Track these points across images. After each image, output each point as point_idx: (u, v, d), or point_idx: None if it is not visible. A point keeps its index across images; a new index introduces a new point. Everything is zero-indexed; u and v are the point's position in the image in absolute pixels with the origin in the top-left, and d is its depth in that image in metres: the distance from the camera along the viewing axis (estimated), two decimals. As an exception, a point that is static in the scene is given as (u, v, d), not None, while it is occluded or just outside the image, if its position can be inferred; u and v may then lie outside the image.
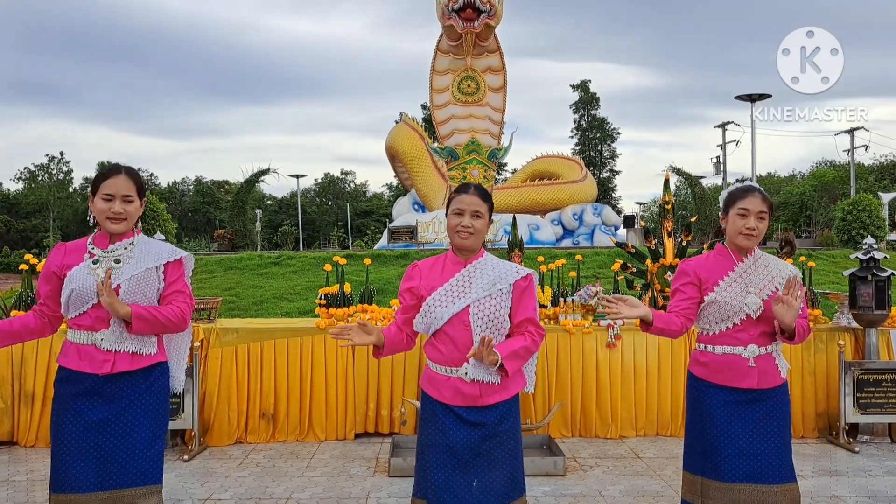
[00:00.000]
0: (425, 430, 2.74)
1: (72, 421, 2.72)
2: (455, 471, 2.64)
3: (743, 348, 2.93)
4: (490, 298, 2.71)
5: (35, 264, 5.88)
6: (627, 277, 6.49)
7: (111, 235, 2.82)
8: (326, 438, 5.66)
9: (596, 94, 55.40)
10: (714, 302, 2.94)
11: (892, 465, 5.05)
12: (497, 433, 2.70)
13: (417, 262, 2.89)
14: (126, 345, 2.74)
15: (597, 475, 4.80)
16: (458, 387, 2.68)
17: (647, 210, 54.46)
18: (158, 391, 2.84)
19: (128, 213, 2.78)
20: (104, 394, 2.73)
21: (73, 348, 2.78)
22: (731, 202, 2.98)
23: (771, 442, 2.90)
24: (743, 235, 2.93)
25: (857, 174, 38.76)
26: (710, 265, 3.02)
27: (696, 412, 3.04)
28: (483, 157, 19.71)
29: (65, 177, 56.65)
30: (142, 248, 2.84)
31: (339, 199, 62.18)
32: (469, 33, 18.85)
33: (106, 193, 2.75)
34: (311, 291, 11.15)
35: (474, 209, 2.73)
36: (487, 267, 2.78)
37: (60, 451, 2.71)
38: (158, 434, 2.82)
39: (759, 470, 2.87)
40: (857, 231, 17.23)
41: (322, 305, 5.96)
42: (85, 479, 2.68)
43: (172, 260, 2.87)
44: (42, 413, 5.51)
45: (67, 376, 2.77)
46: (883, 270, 5.79)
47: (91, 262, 2.77)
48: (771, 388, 2.95)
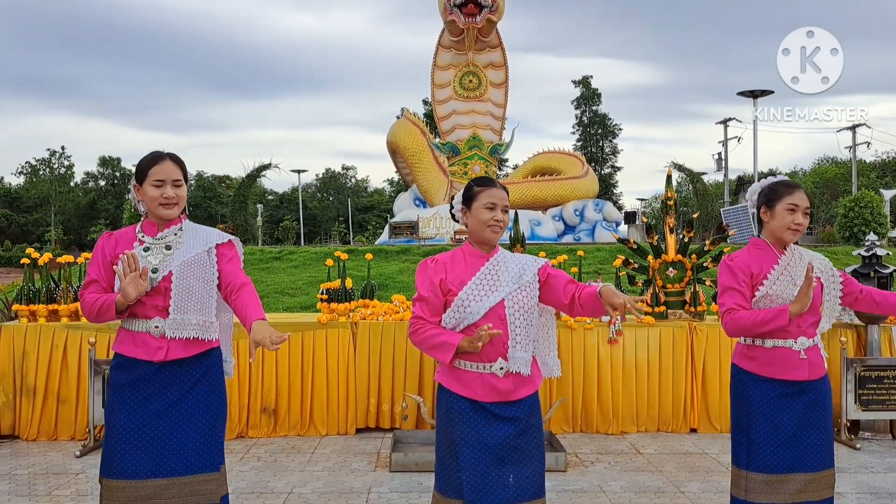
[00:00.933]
0: (454, 429, 2.67)
1: (127, 409, 2.70)
2: (491, 468, 2.61)
3: (794, 341, 2.96)
4: (521, 290, 2.71)
5: (36, 258, 5.88)
6: (629, 273, 6.48)
7: (160, 223, 2.81)
8: (328, 433, 5.67)
9: (597, 89, 55.32)
10: (766, 296, 2.96)
11: (893, 461, 5.05)
12: (529, 426, 2.70)
13: (435, 257, 2.82)
14: (185, 331, 2.72)
15: (598, 471, 4.80)
16: (491, 383, 2.65)
17: (649, 206, 54.43)
18: (214, 377, 2.83)
19: (179, 196, 2.78)
20: (159, 381, 2.72)
21: (128, 335, 2.76)
22: (778, 196, 3.01)
23: (815, 432, 2.96)
24: (791, 231, 2.98)
25: (858, 171, 38.71)
26: (755, 259, 3.04)
27: (742, 406, 3.06)
28: (484, 152, 19.73)
29: (66, 171, 56.70)
30: (190, 233, 2.84)
31: (340, 195, 62.18)
32: (471, 28, 18.84)
33: (156, 179, 2.75)
34: (312, 286, 11.17)
35: (504, 203, 2.75)
36: (508, 260, 2.78)
37: (114, 438, 2.70)
38: (216, 420, 2.81)
39: (804, 459, 2.93)
40: (859, 228, 17.22)
41: (323, 300, 5.96)
42: (139, 466, 2.67)
43: (222, 242, 2.87)
44: (44, 407, 5.52)
45: (122, 363, 2.76)
46: (885, 267, 5.78)
47: (142, 249, 2.76)
48: (818, 378, 3.00)
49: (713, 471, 4.79)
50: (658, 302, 6.09)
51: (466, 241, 2.85)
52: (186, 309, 2.73)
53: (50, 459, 5.04)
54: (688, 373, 5.82)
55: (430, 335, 2.68)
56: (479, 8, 18.47)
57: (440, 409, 2.78)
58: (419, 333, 2.71)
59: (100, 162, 59.88)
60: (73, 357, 5.54)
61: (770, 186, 3.08)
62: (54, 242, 44.69)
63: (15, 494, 4.31)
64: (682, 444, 5.45)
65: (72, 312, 5.76)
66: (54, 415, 5.54)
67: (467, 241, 2.84)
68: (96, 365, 5.29)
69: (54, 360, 5.54)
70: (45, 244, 45.23)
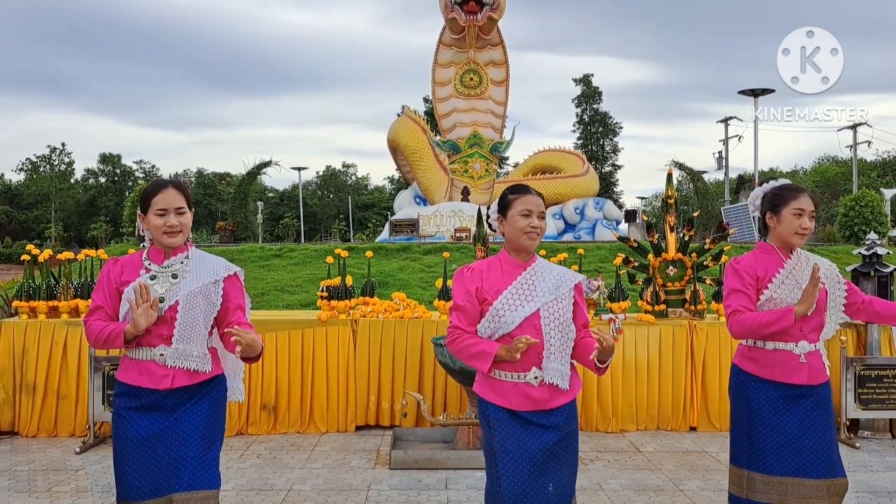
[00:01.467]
0: (495, 438, 2.65)
1: (132, 433, 2.73)
2: (531, 477, 2.59)
3: (794, 344, 2.97)
4: (557, 301, 2.69)
5: (36, 255, 5.88)
6: (629, 272, 6.48)
7: (166, 250, 2.83)
8: (327, 430, 5.67)
9: (598, 88, 55.20)
10: (770, 300, 2.97)
11: (892, 460, 5.05)
12: (569, 433, 2.69)
13: (471, 266, 2.80)
14: (187, 362, 2.76)
15: (597, 469, 4.81)
16: (527, 392, 2.63)
17: (649, 205, 54.39)
18: (214, 398, 2.86)
19: (182, 224, 2.79)
20: (164, 407, 2.75)
21: (132, 364, 2.78)
22: (783, 202, 3.02)
23: (818, 436, 2.95)
24: (798, 235, 2.99)
25: (859, 170, 38.69)
26: (761, 263, 3.05)
27: (743, 407, 3.06)
28: (485, 150, 19.70)
29: (66, 168, 56.63)
30: (197, 261, 2.86)
31: (340, 192, 62.13)
32: (472, 26, 18.81)
33: (159, 209, 2.76)
34: (312, 284, 11.16)
35: (540, 210, 2.74)
36: (546, 270, 2.77)
37: (120, 463, 2.74)
38: (213, 439, 2.82)
39: (808, 464, 2.92)
40: (860, 227, 17.20)
41: (324, 298, 5.96)
42: (143, 488, 2.70)
43: (229, 275, 2.89)
44: (43, 404, 5.52)
45: (127, 391, 2.78)
46: (885, 266, 5.78)
47: (148, 277, 2.78)
48: (818, 384, 2.99)
49: (712, 469, 4.80)
50: (658, 300, 6.09)
51: (503, 248, 2.83)
52: (188, 339, 2.75)
53: (50, 456, 5.04)
54: (687, 371, 5.82)
55: (468, 344, 2.66)
56: (480, 5, 18.44)
57: (481, 420, 2.76)
58: (457, 343, 2.69)
59: (100, 159, 59.78)
60: (73, 354, 5.55)
61: (774, 191, 3.08)
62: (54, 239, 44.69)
63: (15, 491, 4.32)
64: (682, 443, 5.45)
65: (71, 309, 5.77)
66: (54, 411, 5.55)
67: (504, 250, 2.82)
68: (96, 362, 5.29)
69: (54, 357, 5.54)
70: (45, 241, 45.22)
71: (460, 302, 2.71)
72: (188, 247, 2.88)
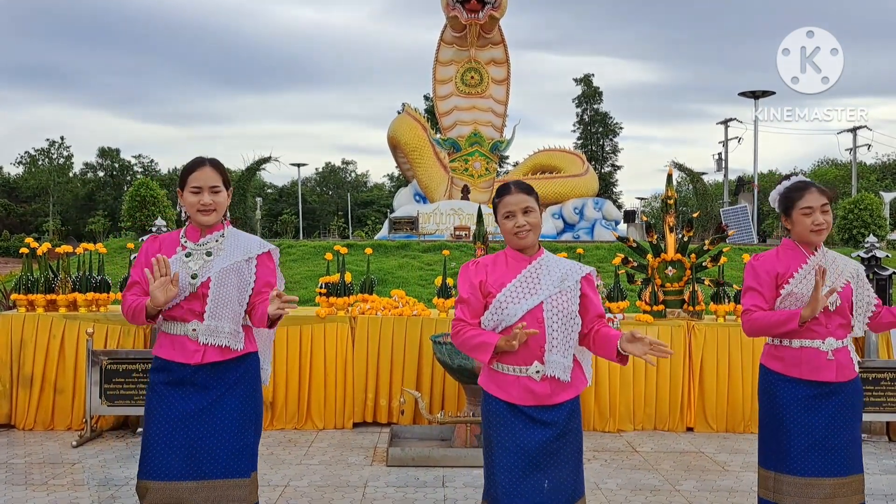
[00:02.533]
0: (492, 432, 2.66)
1: (164, 410, 2.73)
2: (526, 473, 2.58)
3: (821, 341, 2.94)
4: (561, 294, 2.67)
5: (35, 248, 5.87)
6: (628, 272, 6.48)
7: (202, 228, 2.84)
8: (325, 427, 5.67)
9: (599, 88, 55.22)
10: (791, 294, 2.95)
11: (889, 463, 5.06)
12: (568, 430, 2.66)
13: (476, 260, 2.81)
14: (218, 338, 2.75)
15: (594, 468, 4.81)
16: (528, 386, 2.62)
17: (648, 205, 54.43)
18: (250, 382, 2.85)
19: (217, 203, 2.80)
20: (196, 383, 2.75)
21: (166, 339, 2.80)
22: (791, 203, 3.00)
23: (845, 434, 2.94)
24: (814, 232, 2.97)
25: (858, 173, 38.73)
26: (782, 259, 3.03)
27: (770, 407, 3.03)
28: (485, 148, 19.69)
29: (65, 161, 56.57)
30: (232, 240, 2.86)
31: (339, 189, 62.12)
32: (473, 24, 18.79)
33: (194, 186, 2.78)
34: (310, 280, 11.15)
35: (523, 206, 2.69)
36: (552, 263, 2.75)
37: (150, 439, 2.73)
38: (249, 425, 2.82)
39: (832, 463, 2.91)
40: (859, 230, 17.21)
41: (322, 294, 5.95)
42: (173, 468, 2.69)
43: (262, 252, 2.89)
44: (41, 397, 5.52)
45: (161, 366, 2.79)
46: (884, 269, 5.78)
47: (184, 254, 2.79)
48: (847, 381, 2.97)
49: (709, 469, 4.80)
50: (657, 301, 6.09)
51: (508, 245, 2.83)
52: (220, 316, 2.76)
53: (46, 449, 5.04)
54: (685, 372, 5.83)
55: (469, 336, 2.66)
56: (481, 4, 18.43)
57: (482, 414, 2.76)
58: (460, 335, 2.70)
59: (99, 153, 59.77)
60: (71, 347, 5.54)
61: (783, 194, 3.06)
62: (52, 233, 44.64)
63: (11, 483, 4.31)
64: (679, 443, 5.45)
65: (69, 302, 5.76)
66: (51, 405, 5.54)
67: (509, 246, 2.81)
68: (93, 355, 5.29)
69: (52, 350, 5.53)
70: (43, 234, 45.16)
71: (465, 295, 2.72)
72: (224, 225, 2.89)
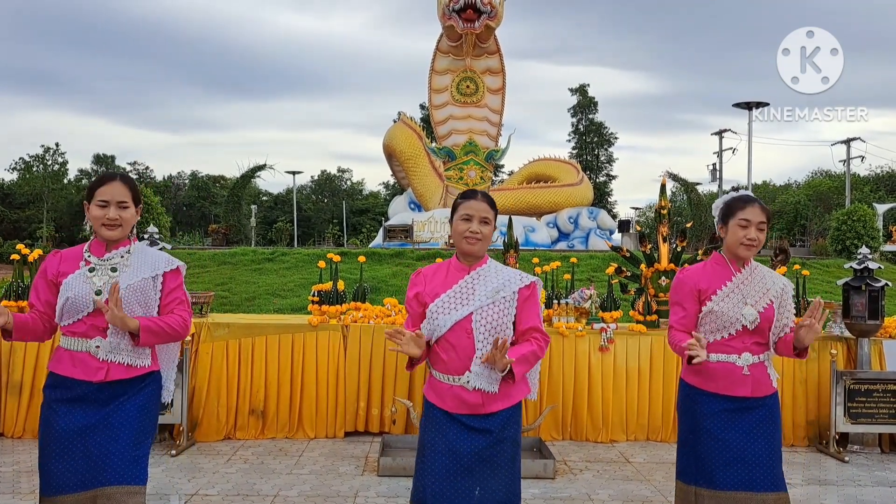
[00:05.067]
0: (427, 435, 2.70)
1: (59, 425, 2.70)
2: (457, 477, 2.59)
3: (737, 356, 2.93)
4: (493, 306, 2.67)
5: (27, 254, 5.83)
6: (622, 281, 6.48)
7: (108, 243, 2.80)
8: (316, 436, 5.63)
9: (594, 98, 55.45)
10: (711, 312, 2.95)
11: (881, 475, 5.05)
12: (502, 439, 2.66)
13: (421, 269, 2.84)
14: (121, 356, 2.72)
15: (586, 479, 4.79)
16: (460, 395, 2.65)
17: (643, 215, 54.52)
18: (148, 395, 2.82)
19: (123, 219, 2.76)
20: (95, 400, 2.72)
21: (66, 355, 2.75)
22: (731, 212, 2.98)
23: (763, 449, 2.91)
24: (744, 246, 2.94)
25: (852, 184, 38.91)
26: (707, 274, 3.02)
27: (689, 420, 3.03)
28: (480, 157, 19.72)
29: (60, 168, 56.37)
30: (138, 256, 2.82)
31: (335, 197, 62.09)
32: (469, 34, 18.84)
33: (101, 200, 2.74)
34: (304, 288, 11.13)
35: (483, 215, 2.71)
36: (491, 274, 2.75)
37: (48, 455, 2.70)
38: (144, 435, 2.79)
39: (753, 477, 2.88)
40: (852, 241, 17.28)
41: (315, 302, 5.93)
42: (70, 481, 2.66)
43: (170, 269, 2.85)
44: (30, 404, 5.47)
45: (58, 382, 2.74)
46: (877, 281, 5.79)
47: (87, 269, 2.74)
48: (763, 396, 2.96)
49: (702, 481, 4.78)
50: (650, 311, 6.09)
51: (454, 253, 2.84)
52: (123, 333, 2.71)
53: (34, 457, 4.96)
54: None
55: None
56: (477, 14, 18.48)
57: (423, 419, 2.79)
58: None
59: (94, 159, 59.67)
60: (61, 354, 5.49)
61: (727, 202, 3.04)
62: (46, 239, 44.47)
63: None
64: (672, 454, 5.42)
65: (60, 309, 5.72)
66: (40, 412, 5.48)
67: (455, 254, 2.83)
68: (84, 363, 5.24)
69: (41, 358, 5.49)
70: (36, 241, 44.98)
71: (406, 305, 2.81)
72: (131, 241, 2.85)
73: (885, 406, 5.51)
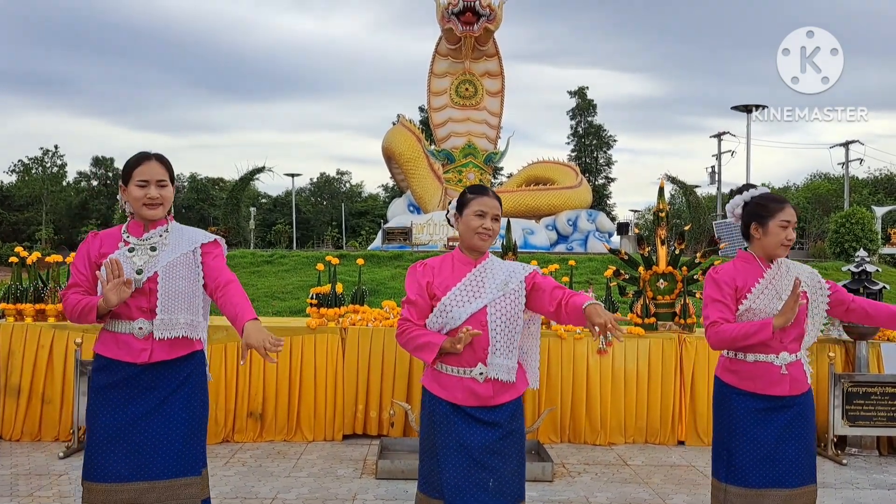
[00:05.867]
0: (435, 431, 2.71)
1: (108, 412, 2.69)
2: (471, 470, 2.62)
3: (775, 356, 2.96)
4: (505, 298, 2.72)
5: (25, 257, 5.83)
6: (620, 284, 6.48)
7: (146, 223, 2.80)
8: (314, 439, 5.63)
9: (593, 100, 55.53)
10: (749, 310, 2.96)
11: (879, 477, 5.05)
12: (511, 431, 2.71)
13: (424, 261, 2.86)
14: (174, 331, 2.70)
15: (585, 482, 4.79)
16: (471, 387, 2.68)
17: (642, 218, 54.58)
18: (197, 381, 2.82)
19: (163, 197, 2.77)
20: (141, 383, 2.70)
21: (110, 337, 2.74)
22: (770, 213, 3.00)
23: (796, 446, 2.94)
24: (784, 247, 2.99)
25: (851, 187, 38.95)
26: (740, 272, 3.04)
27: (723, 419, 3.05)
28: (479, 160, 19.76)
29: (59, 170, 56.39)
30: (176, 234, 2.83)
31: (334, 199, 62.10)
32: (468, 37, 18.88)
33: (140, 180, 2.74)
34: (302, 291, 11.13)
35: (495, 212, 2.78)
36: (496, 267, 2.80)
37: (96, 441, 2.68)
38: (198, 424, 2.79)
39: (783, 475, 2.91)
40: (850, 244, 17.30)
41: (313, 305, 5.93)
42: (120, 469, 2.65)
43: (208, 241, 2.85)
44: (28, 407, 5.47)
45: (104, 365, 2.73)
46: (875, 283, 5.80)
47: (126, 250, 2.74)
48: (799, 394, 2.99)
49: (699, 484, 4.78)
50: (648, 313, 6.09)
51: (458, 247, 2.88)
52: (175, 309, 2.71)
53: (33, 460, 4.99)
54: (676, 385, 5.82)
55: (414, 335, 2.73)
56: (476, 17, 18.53)
57: (423, 412, 2.81)
58: (405, 335, 2.77)
59: (92, 162, 59.67)
60: (59, 357, 5.50)
61: (758, 202, 3.05)
62: (45, 241, 44.46)
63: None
64: (670, 457, 5.44)
65: (59, 312, 5.72)
66: (38, 415, 5.49)
67: (458, 247, 2.86)
68: (82, 366, 5.24)
69: (40, 360, 5.49)
70: (35, 243, 44.95)
71: (412, 296, 2.79)
72: (168, 220, 2.86)
73: (884, 409, 5.51)
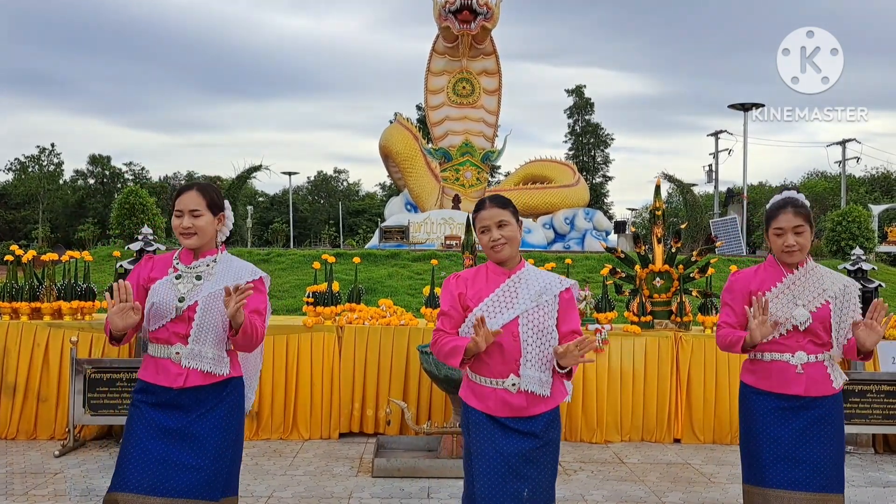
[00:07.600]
0: (472, 440, 2.69)
1: (143, 424, 2.72)
2: (505, 480, 2.60)
3: (791, 355, 2.95)
4: (538, 309, 2.70)
5: (20, 256, 5.82)
6: (616, 282, 6.49)
7: (195, 251, 2.84)
8: (311, 437, 5.63)
9: (590, 99, 55.57)
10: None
11: (875, 475, 5.06)
12: (548, 441, 2.69)
13: (458, 273, 2.85)
14: (202, 363, 2.74)
15: (580, 479, 4.79)
16: (504, 398, 2.66)
17: (639, 216, 54.60)
18: (231, 404, 2.83)
19: (197, 227, 2.79)
20: (178, 405, 2.74)
21: (151, 362, 2.79)
22: (768, 221, 3.01)
23: (819, 449, 2.91)
24: (785, 253, 2.98)
25: (847, 185, 39.03)
26: (759, 277, 3.06)
27: (745, 419, 3.06)
28: (476, 158, 19.73)
29: (55, 169, 56.28)
30: (223, 265, 2.85)
31: (331, 198, 62.09)
32: (465, 35, 18.85)
33: (177, 210, 2.81)
34: (299, 289, 11.11)
35: (497, 220, 2.73)
36: (531, 277, 2.77)
37: (125, 451, 2.71)
38: (227, 448, 2.79)
39: (802, 477, 2.89)
40: (847, 242, 17.29)
41: (310, 304, 5.93)
42: (142, 481, 2.66)
43: (252, 280, 2.86)
44: (24, 405, 5.46)
45: (144, 388, 2.78)
46: (870, 282, 5.81)
47: (174, 276, 2.79)
48: (820, 396, 2.94)
49: (695, 481, 4.79)
50: (644, 311, 6.10)
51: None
52: (203, 341, 2.75)
53: (28, 459, 4.98)
54: (672, 383, 5.83)
55: (443, 343, 2.71)
56: (473, 15, 18.50)
57: (463, 425, 2.79)
58: (437, 345, 2.75)
59: (89, 160, 59.50)
60: (55, 356, 5.49)
61: (768, 209, 3.07)
62: (41, 240, 44.38)
63: (-9, 494, 4.25)
64: (666, 455, 5.44)
65: (54, 311, 5.71)
66: (34, 413, 5.48)
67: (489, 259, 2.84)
68: (77, 364, 5.24)
69: (35, 359, 5.48)
70: (31, 241, 44.87)
71: (445, 308, 2.78)
72: (219, 250, 2.89)
73: (879, 407, 5.52)
